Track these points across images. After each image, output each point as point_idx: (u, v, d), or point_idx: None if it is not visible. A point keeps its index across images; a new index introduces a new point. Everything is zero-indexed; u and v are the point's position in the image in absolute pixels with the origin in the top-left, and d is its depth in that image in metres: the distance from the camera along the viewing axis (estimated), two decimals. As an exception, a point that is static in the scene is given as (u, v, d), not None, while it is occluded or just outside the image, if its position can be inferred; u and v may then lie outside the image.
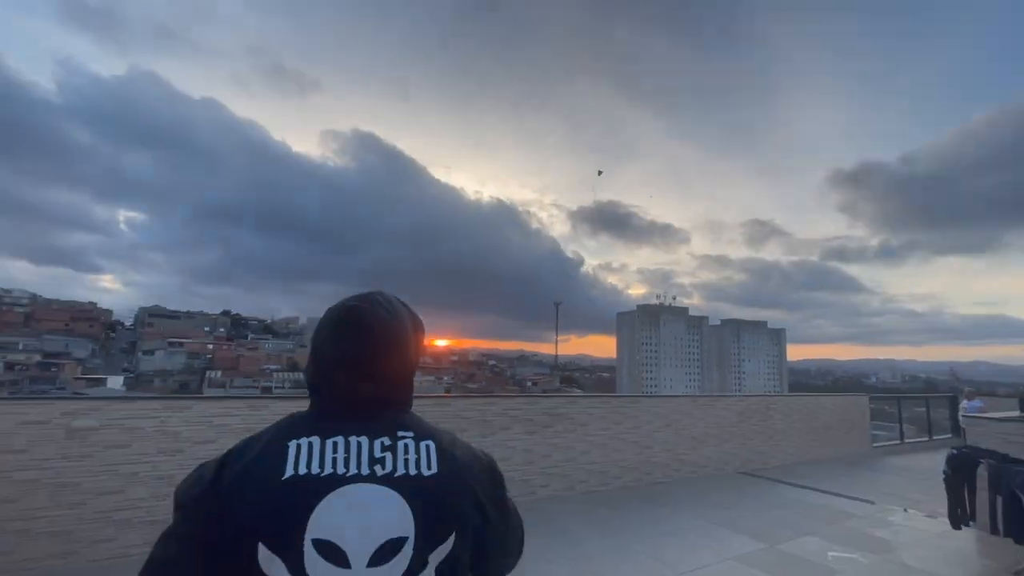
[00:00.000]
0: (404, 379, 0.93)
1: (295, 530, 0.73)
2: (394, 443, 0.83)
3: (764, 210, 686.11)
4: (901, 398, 11.11)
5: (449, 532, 0.80)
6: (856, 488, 6.81)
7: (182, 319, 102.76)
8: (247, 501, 0.75)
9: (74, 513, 3.77)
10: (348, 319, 0.89)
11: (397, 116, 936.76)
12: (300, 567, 0.72)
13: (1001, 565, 4.25)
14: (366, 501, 0.77)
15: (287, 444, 0.79)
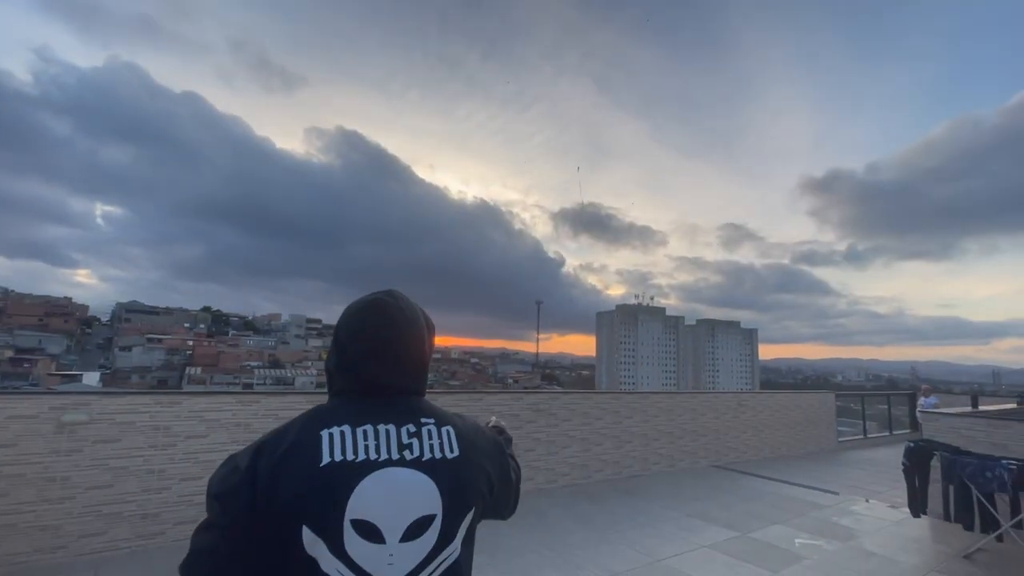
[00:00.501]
0: (423, 369, 1.00)
1: (335, 512, 0.80)
2: (419, 429, 0.91)
3: (739, 214, 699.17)
4: (865, 395, 11.59)
5: (470, 507, 0.91)
6: (822, 480, 7.13)
7: (161, 315, 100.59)
8: (287, 488, 0.80)
9: (63, 507, 3.81)
10: (374, 311, 0.96)
11: (382, 114, 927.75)
12: (340, 546, 0.79)
13: (952, 550, 4.54)
14: (398, 483, 0.85)
15: (320, 434, 0.85)
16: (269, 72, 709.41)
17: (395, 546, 0.81)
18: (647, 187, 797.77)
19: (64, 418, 3.86)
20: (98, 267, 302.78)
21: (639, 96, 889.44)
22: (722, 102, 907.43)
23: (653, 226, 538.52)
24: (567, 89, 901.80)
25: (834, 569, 4.07)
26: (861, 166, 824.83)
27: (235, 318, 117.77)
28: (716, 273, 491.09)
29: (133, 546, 3.98)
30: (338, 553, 0.79)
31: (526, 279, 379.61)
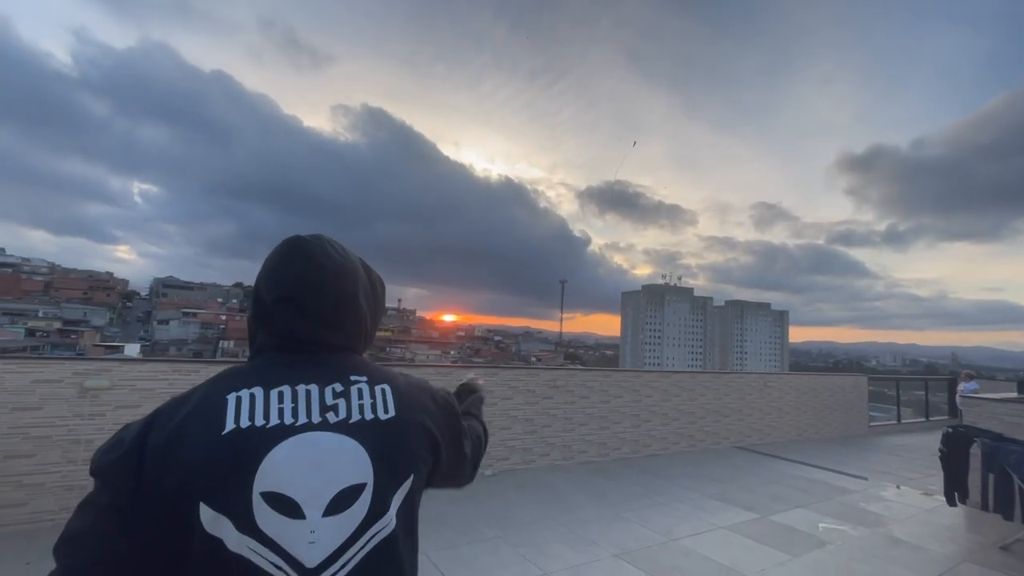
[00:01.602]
0: (358, 323, 0.86)
1: (240, 485, 0.67)
2: (347, 388, 0.78)
3: (772, 192, 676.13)
4: (900, 380, 11.12)
5: (407, 474, 0.78)
6: (851, 465, 6.89)
7: (196, 290, 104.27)
8: (181, 461, 0.68)
9: (87, 469, 3.93)
10: (293, 251, 0.82)
11: (408, 89, 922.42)
12: (250, 523, 0.67)
13: (988, 540, 4.31)
14: (319, 449, 0.72)
15: (225, 398, 0.73)
16: (298, 50, 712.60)
17: (317, 521, 0.69)
18: (677, 164, 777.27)
19: (86, 384, 3.96)
20: (137, 243, 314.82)
21: (671, 68, 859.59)
22: (760, 73, 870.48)
23: (682, 205, 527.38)
24: (597, 61, 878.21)
25: (858, 555, 3.91)
26: (906, 142, 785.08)
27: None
28: (747, 253, 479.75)
29: (155, 508, 4.09)
30: (248, 530, 0.67)
31: (551, 258, 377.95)
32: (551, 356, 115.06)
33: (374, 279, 0.92)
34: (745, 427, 7.93)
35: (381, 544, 0.73)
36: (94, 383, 3.98)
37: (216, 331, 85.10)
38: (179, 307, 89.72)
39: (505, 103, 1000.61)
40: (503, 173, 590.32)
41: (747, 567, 3.62)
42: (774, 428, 8.28)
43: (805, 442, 8.42)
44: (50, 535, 2.99)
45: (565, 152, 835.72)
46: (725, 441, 7.67)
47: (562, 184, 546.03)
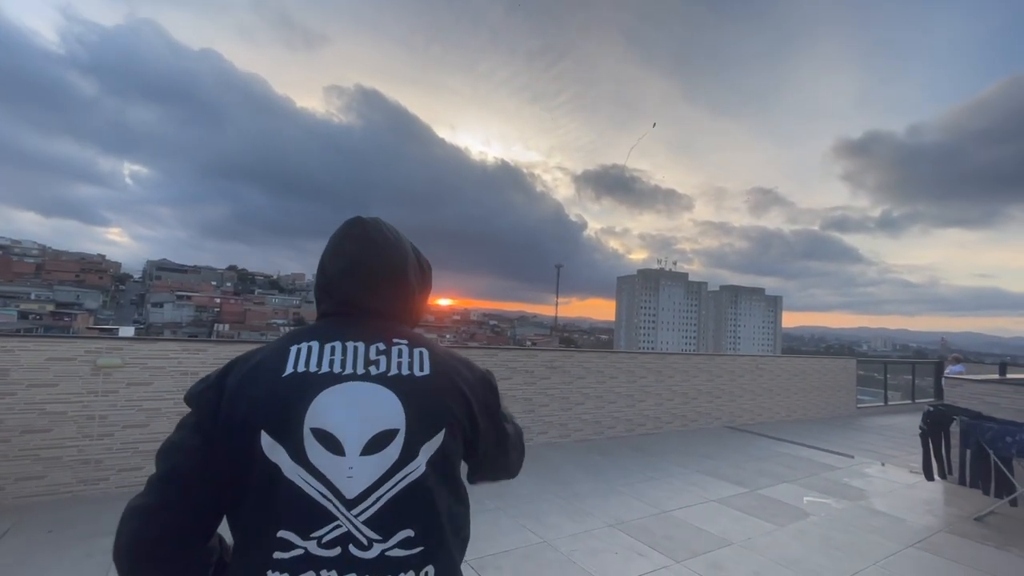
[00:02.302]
0: (404, 297, 0.99)
1: (294, 419, 0.80)
2: (388, 348, 0.90)
3: (768, 178, 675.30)
4: (888, 363, 11.39)
5: (439, 428, 0.86)
6: (838, 444, 7.13)
7: (190, 273, 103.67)
8: (249, 395, 0.81)
9: (103, 443, 4.07)
10: (352, 229, 0.97)
11: (403, 70, 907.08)
12: (301, 453, 0.78)
13: (964, 513, 4.54)
14: (360, 396, 0.83)
15: (289, 348, 0.87)
16: (291, 30, 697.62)
17: (355, 458, 0.80)
18: (675, 148, 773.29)
19: (99, 361, 4.07)
20: (129, 226, 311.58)
21: (671, 51, 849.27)
22: (760, 57, 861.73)
23: (679, 189, 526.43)
24: (596, 43, 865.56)
25: (839, 526, 4.12)
26: (903, 127, 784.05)
27: (260, 277, 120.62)
28: (742, 239, 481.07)
29: (168, 481, 4.24)
30: (300, 460, 0.78)
31: (547, 242, 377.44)
32: (546, 340, 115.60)
33: (422, 261, 1.04)
34: (736, 408, 8.16)
35: (411, 485, 0.82)
36: (106, 361, 4.09)
37: (211, 314, 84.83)
38: (173, 290, 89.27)
39: (502, 85, 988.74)
40: (499, 156, 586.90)
41: (734, 536, 3.82)
42: (765, 409, 8.52)
43: (794, 422, 8.68)
44: (68, 507, 3.20)
45: (563, 136, 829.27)
46: (717, 421, 7.90)
47: (559, 168, 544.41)
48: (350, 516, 0.78)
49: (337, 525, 0.78)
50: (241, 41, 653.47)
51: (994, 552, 3.75)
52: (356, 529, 0.78)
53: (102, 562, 2.99)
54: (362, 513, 0.79)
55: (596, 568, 3.22)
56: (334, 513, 0.78)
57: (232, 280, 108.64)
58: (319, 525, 0.77)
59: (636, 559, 3.37)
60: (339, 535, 0.78)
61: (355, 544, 0.78)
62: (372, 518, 0.79)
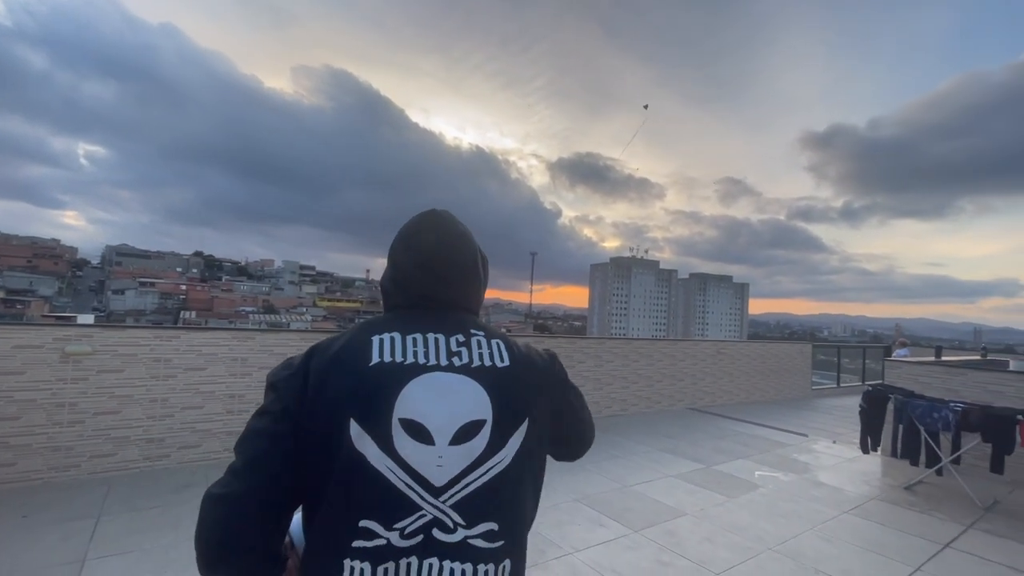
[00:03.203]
0: (474, 288, 1.00)
1: (383, 409, 0.79)
2: (468, 339, 0.90)
3: (738, 168, 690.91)
4: (841, 347, 12.06)
5: (523, 418, 0.87)
6: (791, 423, 7.59)
7: (153, 259, 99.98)
8: (335, 384, 0.81)
9: (74, 430, 4.08)
10: (425, 223, 0.97)
11: (375, 52, 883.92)
12: (389, 443, 0.78)
13: (896, 483, 4.97)
14: (447, 387, 0.83)
15: (371, 338, 0.86)
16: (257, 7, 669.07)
17: (444, 448, 0.80)
18: (648, 136, 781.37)
19: (68, 349, 4.06)
20: (85, 209, 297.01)
21: (646, 40, 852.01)
22: (733, 47, 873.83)
23: (651, 179, 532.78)
24: (571, 29, 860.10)
25: (785, 495, 4.48)
26: (863, 121, 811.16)
27: (228, 263, 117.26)
28: (712, 227, 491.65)
29: (141, 467, 4.29)
30: (387, 450, 0.78)
31: (522, 230, 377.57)
32: (521, 327, 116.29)
33: (483, 254, 1.05)
34: (699, 390, 8.56)
35: (498, 475, 0.83)
36: (76, 348, 4.08)
37: (176, 301, 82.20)
38: (135, 276, 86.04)
39: (477, 68, 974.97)
40: (474, 143, 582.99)
41: (689, 507, 4.12)
42: (725, 391, 8.96)
43: (753, 404, 9.15)
44: (40, 493, 3.31)
45: (538, 123, 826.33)
46: (680, 403, 8.28)
47: (533, 155, 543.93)
48: (437, 503, 0.79)
49: (422, 515, 0.78)
50: (202, 17, 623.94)
51: (918, 516, 4.16)
52: (444, 514, 0.79)
53: (78, 545, 3.06)
54: (450, 499, 0.80)
55: (560, 538, 3.45)
56: (419, 503, 0.78)
57: (198, 266, 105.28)
58: (403, 516, 0.78)
59: (597, 529, 3.62)
60: (423, 524, 0.78)
61: (440, 527, 0.79)
62: (459, 503, 0.80)
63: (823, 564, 3.26)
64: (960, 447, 4.56)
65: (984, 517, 4.18)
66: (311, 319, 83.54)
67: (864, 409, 5.22)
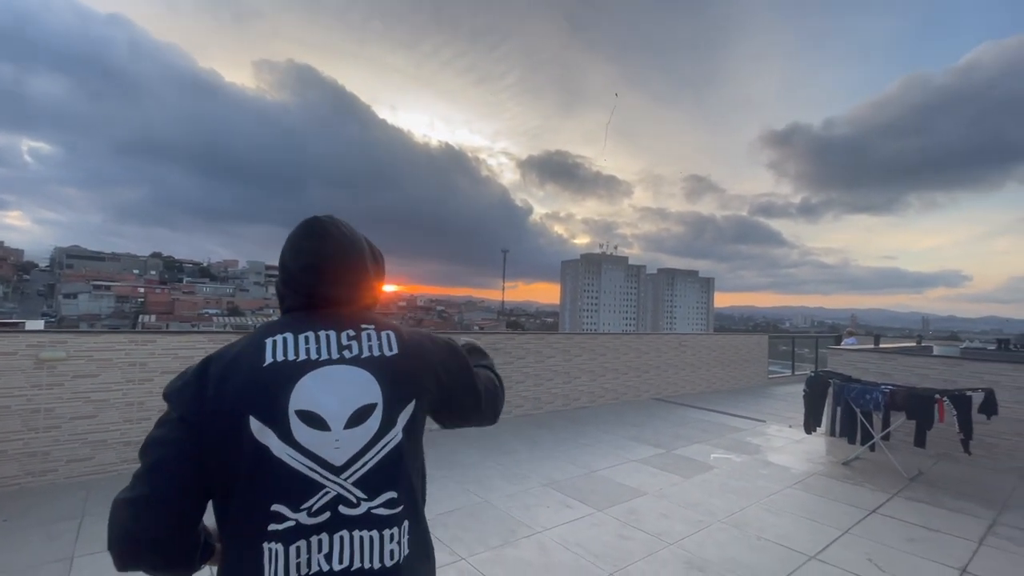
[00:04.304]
0: (363, 286, 1.06)
1: (279, 404, 0.87)
2: (358, 333, 0.98)
3: (703, 164, 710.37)
4: (795, 337, 12.80)
5: (410, 398, 0.97)
6: (747, 410, 8.10)
7: (107, 261, 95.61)
8: (234, 385, 0.87)
9: (50, 435, 4.11)
10: (310, 228, 1.03)
11: (341, 46, 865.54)
12: (288, 434, 0.86)
13: (836, 459, 5.46)
14: (338, 377, 0.91)
15: (264, 341, 0.93)
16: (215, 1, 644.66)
17: (340, 432, 0.89)
18: (617, 134, 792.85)
19: (42, 355, 4.09)
20: (31, 209, 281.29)
21: (614, 37, 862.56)
22: (697, 45, 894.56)
23: (619, 176, 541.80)
24: (540, 25, 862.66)
25: (736, 474, 4.88)
26: (819, 120, 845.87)
27: (188, 264, 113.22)
28: (678, 224, 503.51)
29: (120, 470, 4.35)
30: (287, 440, 0.86)
31: (493, 227, 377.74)
32: (494, 324, 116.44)
33: (375, 251, 1.13)
34: (662, 381, 9.00)
35: (391, 451, 0.93)
36: (50, 354, 4.12)
37: (134, 305, 78.93)
38: (88, 279, 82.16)
39: (447, 65, 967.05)
40: (444, 140, 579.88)
41: (649, 488, 4.46)
42: (687, 381, 9.43)
43: (713, 393, 9.66)
44: (16, 498, 3.50)
45: (508, 120, 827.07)
46: (645, 394, 8.70)
47: (504, 153, 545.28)
48: (339, 480, 0.87)
49: (326, 492, 0.86)
50: (156, 7, 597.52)
51: (852, 487, 4.62)
52: (346, 490, 0.88)
53: (64, 544, 3.15)
54: (351, 476, 0.88)
55: (529, 519, 3.73)
56: (321, 482, 0.86)
57: (157, 268, 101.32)
58: (308, 495, 0.86)
59: (564, 510, 3.92)
60: (328, 500, 0.86)
61: (344, 503, 0.87)
62: (360, 480, 0.89)
63: (765, 531, 3.64)
64: (889, 425, 5.06)
65: (908, 486, 4.68)
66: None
67: (807, 393, 5.69)
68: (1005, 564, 3.27)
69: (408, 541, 0.93)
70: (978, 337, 16.87)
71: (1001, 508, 4.23)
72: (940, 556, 3.34)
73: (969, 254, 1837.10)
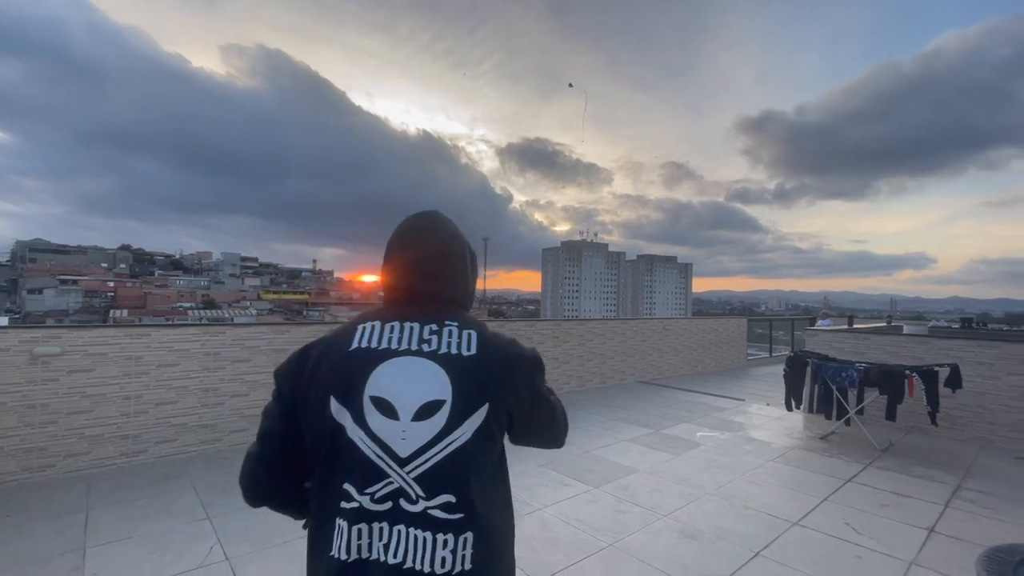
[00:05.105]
0: (459, 283, 1.10)
1: (357, 387, 0.92)
2: (440, 329, 1.00)
3: (681, 151, 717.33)
4: (773, 320, 13.24)
5: (482, 402, 0.95)
6: (728, 390, 8.41)
7: (73, 254, 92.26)
8: (324, 367, 0.96)
9: (47, 431, 4.10)
10: (418, 223, 1.09)
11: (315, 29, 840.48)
12: (361, 417, 0.91)
13: (814, 433, 5.76)
14: (412, 369, 0.94)
15: (356, 327, 1.00)
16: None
17: (408, 423, 0.91)
18: (596, 120, 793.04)
19: (37, 350, 4.06)
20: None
21: (593, 22, 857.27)
22: (675, 31, 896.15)
23: (599, 163, 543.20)
24: (519, 9, 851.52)
25: (721, 450, 5.13)
26: (792, 107, 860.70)
27: (160, 257, 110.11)
28: (657, 210, 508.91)
29: (119, 463, 4.36)
30: (360, 423, 0.91)
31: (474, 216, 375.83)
32: (477, 312, 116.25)
33: (471, 251, 1.16)
34: (647, 364, 9.26)
35: (456, 451, 0.92)
36: (45, 349, 4.09)
37: (104, 299, 76.55)
38: (54, 274, 79.30)
39: (424, 48, 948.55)
40: (421, 127, 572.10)
41: (641, 465, 4.67)
42: (671, 364, 9.72)
43: (696, 375, 9.97)
44: (16, 494, 3.59)
45: (486, 106, 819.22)
46: (631, 377, 8.94)
47: (483, 140, 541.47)
48: (402, 473, 0.90)
49: (389, 482, 0.89)
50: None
51: (829, 459, 4.90)
52: (408, 484, 0.89)
53: (74, 536, 3.19)
54: (413, 470, 0.90)
55: (531, 497, 3.89)
56: (387, 471, 0.90)
57: (126, 261, 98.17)
58: (373, 481, 0.89)
59: (562, 488, 4.09)
60: (391, 491, 0.89)
61: (405, 498, 0.89)
62: (420, 476, 0.90)
63: (750, 501, 3.87)
64: (863, 400, 5.36)
65: (880, 457, 4.99)
66: (256, 313, 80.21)
67: (787, 372, 5.97)
68: (967, 523, 3.56)
69: (472, 557, 0.89)
70: (943, 317, 17.68)
71: (964, 474, 4.55)
72: (910, 518, 3.61)
73: (934, 238, 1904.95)
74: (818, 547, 3.20)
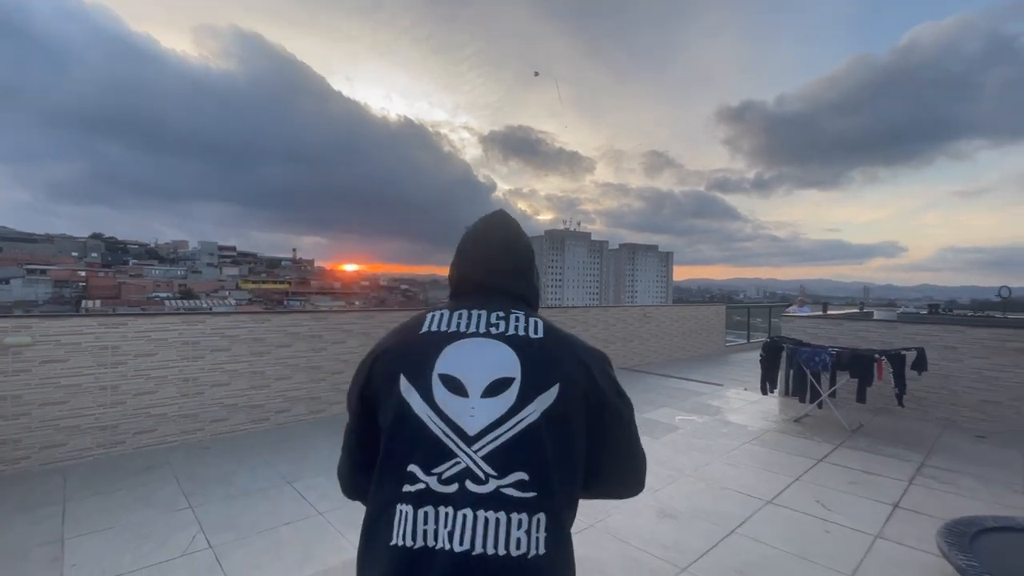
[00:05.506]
0: (524, 279, 1.13)
1: (426, 366, 0.94)
2: (507, 315, 1.02)
3: (662, 140, 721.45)
4: (751, 307, 13.52)
5: (552, 382, 0.92)
6: (707, 375, 8.60)
7: (40, 243, 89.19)
8: (396, 351, 1.00)
9: (19, 423, 4.01)
10: (493, 222, 1.14)
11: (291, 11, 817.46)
12: (429, 395, 0.91)
13: (788, 416, 5.94)
14: (481, 348, 0.96)
15: (426, 315, 1.04)
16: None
17: (476, 400, 0.91)
18: (579, 108, 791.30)
19: (6, 340, 3.95)
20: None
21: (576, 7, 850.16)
22: (656, 18, 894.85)
23: (581, 151, 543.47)
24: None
25: (699, 433, 5.27)
26: (772, 96, 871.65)
27: (134, 245, 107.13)
28: (638, 199, 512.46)
29: (96, 454, 4.30)
30: (428, 400, 0.91)
31: (456, 204, 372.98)
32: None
33: (532, 250, 1.19)
34: (629, 351, 9.40)
35: (526, 429, 0.89)
36: (15, 340, 3.98)
37: (75, 289, 74.34)
38: (21, 263, 76.63)
39: (405, 32, 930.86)
40: (403, 114, 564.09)
41: (622, 448, 4.76)
42: (652, 351, 9.88)
43: (676, 361, 10.16)
44: None
45: (468, 92, 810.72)
46: (614, 364, 9.05)
47: (465, 128, 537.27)
48: (470, 452, 0.87)
49: (456, 462, 0.86)
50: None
51: (802, 441, 5.07)
52: (475, 464, 0.86)
53: (51, 528, 3.15)
54: (481, 449, 0.87)
55: (513, 481, 3.95)
56: (454, 450, 0.87)
57: (98, 249, 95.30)
58: (441, 461, 0.87)
59: (545, 472, 4.16)
60: (458, 471, 0.86)
61: (472, 479, 0.85)
62: (490, 454, 0.86)
63: (727, 482, 4.00)
64: (835, 383, 5.54)
65: (851, 437, 5.18)
66: (235, 303, 78.82)
67: (763, 357, 6.13)
68: (929, 498, 3.74)
69: (545, 540, 0.84)
70: (913, 304, 18.29)
71: (928, 452, 4.76)
72: (876, 495, 3.78)
73: (905, 227, 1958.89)
74: (790, 523, 3.33)
